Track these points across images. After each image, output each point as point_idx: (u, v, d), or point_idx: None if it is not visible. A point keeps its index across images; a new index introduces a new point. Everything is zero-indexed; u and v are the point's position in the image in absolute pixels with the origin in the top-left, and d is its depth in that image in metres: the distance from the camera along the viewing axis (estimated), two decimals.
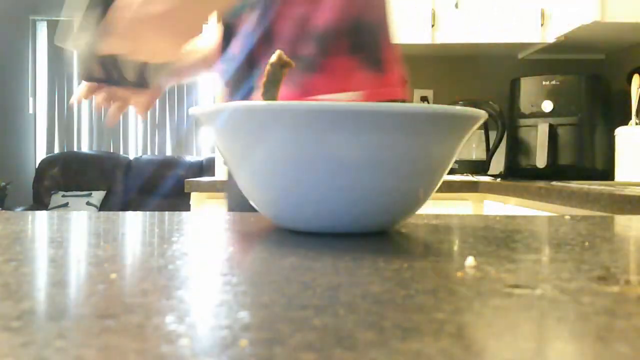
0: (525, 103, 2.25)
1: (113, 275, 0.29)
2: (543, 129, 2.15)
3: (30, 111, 5.17)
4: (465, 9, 2.31)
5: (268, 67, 0.51)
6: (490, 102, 2.32)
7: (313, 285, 0.27)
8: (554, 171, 2.15)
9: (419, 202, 0.46)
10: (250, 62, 0.87)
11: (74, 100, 0.96)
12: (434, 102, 2.63)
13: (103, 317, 0.22)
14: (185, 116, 5.52)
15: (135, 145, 5.28)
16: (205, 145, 5.75)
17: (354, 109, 0.39)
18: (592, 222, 0.58)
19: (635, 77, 2.02)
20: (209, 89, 5.34)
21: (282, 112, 0.39)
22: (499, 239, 0.44)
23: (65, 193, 4.61)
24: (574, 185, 1.56)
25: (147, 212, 0.63)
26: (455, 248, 0.40)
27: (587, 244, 0.42)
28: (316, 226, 0.45)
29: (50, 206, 4.56)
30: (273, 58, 0.51)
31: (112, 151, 5.15)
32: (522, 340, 0.19)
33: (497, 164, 2.51)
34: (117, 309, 0.23)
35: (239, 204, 0.84)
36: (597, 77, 2.20)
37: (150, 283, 0.27)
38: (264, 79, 0.51)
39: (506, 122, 2.32)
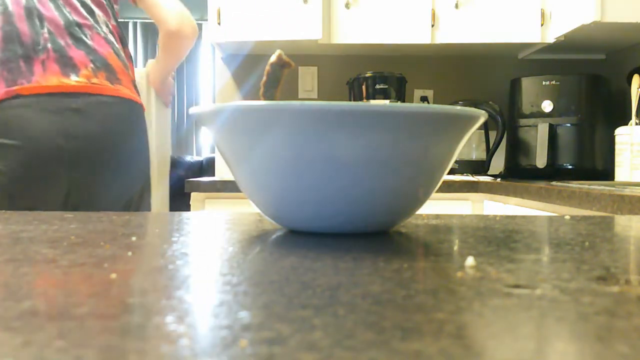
0: (525, 103, 2.25)
1: (113, 275, 0.29)
2: (543, 129, 2.15)
3: None
4: (465, 9, 2.31)
5: (268, 67, 0.51)
6: (490, 102, 2.32)
7: (313, 285, 0.27)
8: (554, 171, 2.15)
9: (419, 202, 0.46)
10: None
11: None
12: (434, 102, 2.62)
13: (103, 317, 0.22)
14: (185, 116, 5.52)
15: None
16: (205, 145, 5.75)
17: (353, 109, 0.39)
18: (592, 222, 0.58)
19: (635, 77, 2.02)
20: (208, 89, 5.34)
21: (282, 112, 0.39)
22: (499, 239, 0.44)
23: None
24: (574, 185, 1.56)
25: (147, 212, 0.63)
26: (455, 248, 0.40)
27: (587, 244, 0.42)
28: (316, 226, 0.45)
29: None
30: (273, 58, 0.51)
31: None
32: (522, 340, 0.19)
33: (497, 164, 2.51)
34: (117, 309, 0.23)
35: None
36: (597, 77, 2.20)
37: (150, 283, 0.27)
38: (264, 78, 0.51)
39: (506, 122, 2.32)
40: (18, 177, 1.18)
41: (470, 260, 0.33)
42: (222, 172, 2.47)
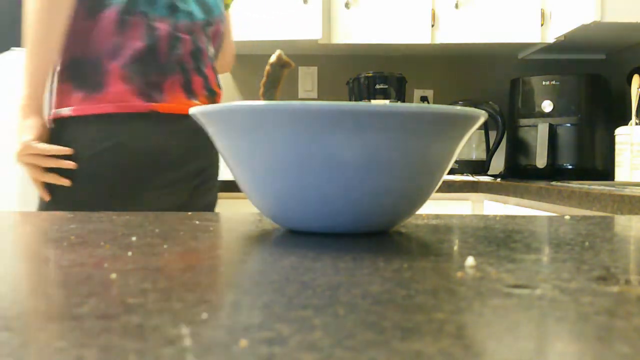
0: (525, 103, 2.25)
1: (113, 275, 0.29)
2: (543, 129, 2.15)
3: None
4: (465, 9, 2.32)
5: (268, 67, 0.51)
6: (490, 102, 2.32)
7: (313, 285, 0.27)
8: (554, 171, 2.15)
9: (419, 202, 0.46)
10: None
11: None
12: (434, 102, 2.63)
13: (103, 317, 0.22)
14: None
15: None
16: None
17: (353, 109, 0.39)
18: (592, 222, 0.58)
19: (635, 77, 2.02)
20: None
21: (282, 112, 0.39)
22: (499, 239, 0.44)
23: None
24: (574, 185, 1.56)
25: (147, 212, 0.63)
26: (455, 248, 0.40)
27: (587, 244, 0.42)
28: (316, 226, 0.45)
29: None
30: (273, 58, 0.51)
31: None
32: (522, 340, 0.19)
33: (497, 164, 2.51)
34: (117, 309, 0.23)
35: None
36: (597, 77, 2.20)
37: (150, 283, 0.27)
38: (264, 79, 0.51)
39: (506, 122, 2.32)
40: (117, 185, 1.20)
41: (470, 260, 0.33)
42: (222, 172, 2.47)
